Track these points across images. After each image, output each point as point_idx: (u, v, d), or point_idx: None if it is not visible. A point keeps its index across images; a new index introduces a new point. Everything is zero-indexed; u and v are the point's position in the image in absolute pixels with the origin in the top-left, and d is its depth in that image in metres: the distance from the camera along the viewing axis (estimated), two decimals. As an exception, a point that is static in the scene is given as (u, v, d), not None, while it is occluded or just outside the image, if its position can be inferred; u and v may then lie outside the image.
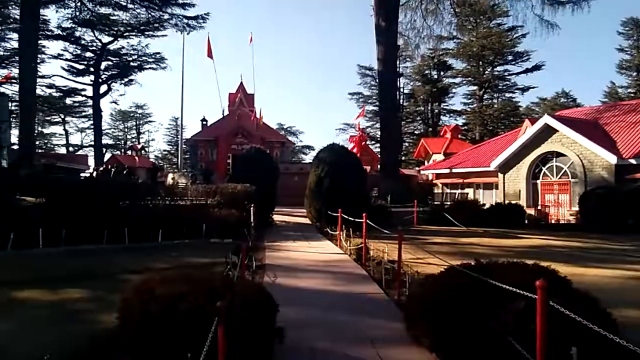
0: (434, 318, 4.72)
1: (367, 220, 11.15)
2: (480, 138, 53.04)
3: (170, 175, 42.66)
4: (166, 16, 33.21)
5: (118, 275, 8.53)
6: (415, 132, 67.21)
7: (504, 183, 27.94)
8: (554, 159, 25.60)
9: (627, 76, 59.62)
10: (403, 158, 57.75)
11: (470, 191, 31.28)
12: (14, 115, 30.06)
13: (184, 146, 54.95)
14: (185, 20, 33.00)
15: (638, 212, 17.21)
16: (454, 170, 32.21)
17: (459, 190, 31.89)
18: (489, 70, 59.08)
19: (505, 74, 59.10)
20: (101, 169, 26.93)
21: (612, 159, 22.44)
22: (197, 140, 44.55)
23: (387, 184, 27.55)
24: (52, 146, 70.95)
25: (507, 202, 23.84)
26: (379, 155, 44.74)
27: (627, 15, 63.33)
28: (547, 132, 25.53)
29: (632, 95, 54.07)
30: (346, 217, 13.41)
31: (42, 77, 51.29)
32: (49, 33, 44.80)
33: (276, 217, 20.43)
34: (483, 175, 30.00)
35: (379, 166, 36.93)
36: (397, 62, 32.08)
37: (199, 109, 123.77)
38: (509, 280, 4.22)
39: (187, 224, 12.98)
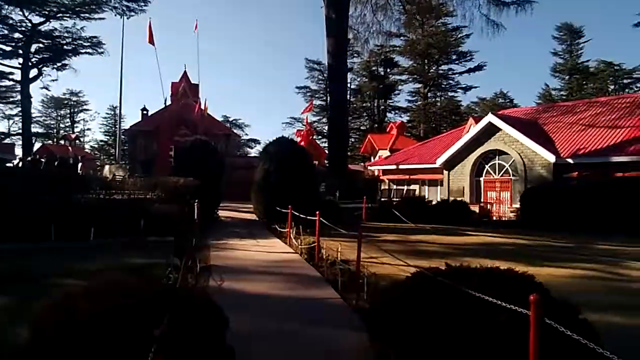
0: (402, 331, 4.25)
1: (319, 215, 10.60)
2: (425, 135, 54.10)
3: (106, 167, 40.41)
4: (103, -3, 31.09)
5: (37, 281, 7.48)
6: (362, 127, 67.67)
7: (448, 180, 28.39)
8: (497, 157, 26.27)
9: (560, 79, 62.84)
10: (349, 153, 57.90)
11: (416, 187, 31.60)
12: None
13: (123, 137, 52.28)
14: (125, 2, 31.03)
15: (575, 210, 17.78)
16: (400, 167, 32.43)
17: (406, 187, 32.16)
18: (434, 68, 60.35)
19: (449, 72, 60.61)
20: (29, 159, 24.73)
21: (551, 158, 23.25)
22: (137, 131, 42.38)
23: (335, 180, 27.22)
24: (-30, 133, 65.45)
25: (451, 198, 24.14)
26: (326, 151, 44.62)
27: (562, 20, 66.75)
28: (490, 130, 26.12)
29: (564, 97, 56.99)
30: (296, 213, 12.82)
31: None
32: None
33: (222, 213, 19.55)
34: (429, 172, 30.36)
35: (325, 161, 36.63)
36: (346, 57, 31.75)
37: (139, 98, 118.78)
38: (489, 290, 3.81)
39: (123, 220, 11.91)
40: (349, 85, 62.81)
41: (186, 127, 34.62)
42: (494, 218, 24.71)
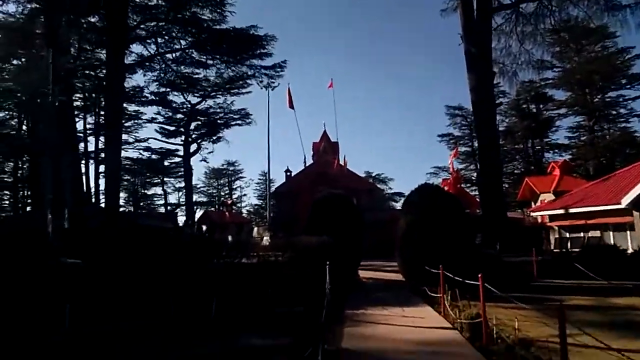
0: None
1: (482, 278, 7.89)
2: (595, 173, 46.43)
3: (255, 229, 41.72)
4: (244, 69, 32.92)
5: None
6: (515, 171, 61.37)
7: (641, 223, 22.74)
8: None
9: None
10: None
11: (597, 234, 26.10)
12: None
13: (272, 200, 54.47)
14: (264, 71, 32.42)
15: None
16: (571, 211, 27.28)
17: (583, 234, 26.78)
18: (598, 97, 52.76)
19: (619, 100, 52.35)
20: (179, 226, 25.87)
21: None
22: (281, 192, 43.38)
23: (492, 230, 23.57)
24: (154, 206, 74.20)
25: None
26: (478, 199, 40.50)
27: None
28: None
29: None
30: (449, 274, 10.19)
31: (139, 140, 54.58)
32: (144, 99, 47.42)
33: (363, 274, 17.50)
34: (611, 215, 24.88)
35: (477, 211, 32.84)
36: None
37: (285, 160, 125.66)
38: None
39: (250, 290, 10.53)
40: (497, 126, 58.05)
41: (326, 185, 34.05)
42: None
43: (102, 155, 40.48)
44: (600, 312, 9.81)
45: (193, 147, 53.42)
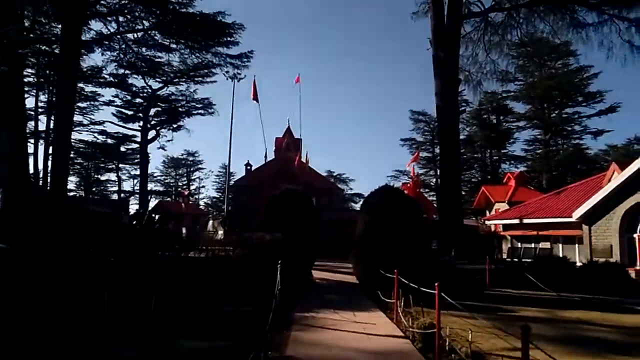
0: None
1: (438, 287, 7.56)
2: (548, 186, 47.91)
3: (210, 222, 40.66)
4: (209, 56, 31.78)
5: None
6: (472, 179, 62.65)
7: (590, 236, 23.38)
8: (655, 208, 21.04)
9: None
10: (460, 207, 53.17)
11: (547, 245, 26.72)
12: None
13: (231, 193, 53.38)
14: (229, 60, 31.39)
15: None
16: (525, 221, 27.84)
17: (534, 244, 27.35)
18: (556, 112, 54.45)
19: (575, 116, 54.21)
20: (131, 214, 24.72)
21: None
22: (241, 186, 42.49)
23: (448, 236, 23.65)
24: (107, 193, 71.41)
25: (595, 259, 19.40)
26: (435, 204, 40.89)
27: None
28: (642, 178, 21.14)
29: None
30: (404, 280, 9.88)
31: (94, 123, 52.13)
32: (102, 80, 45.25)
33: (317, 274, 17.06)
34: (562, 227, 25.53)
35: (434, 216, 33.10)
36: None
37: (246, 154, 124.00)
38: None
39: (195, 286, 9.88)
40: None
41: (287, 181, 33.48)
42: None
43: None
44: (552, 325, 9.74)
45: (151, 133, 51.64)
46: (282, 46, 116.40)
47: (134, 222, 16.61)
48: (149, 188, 62.60)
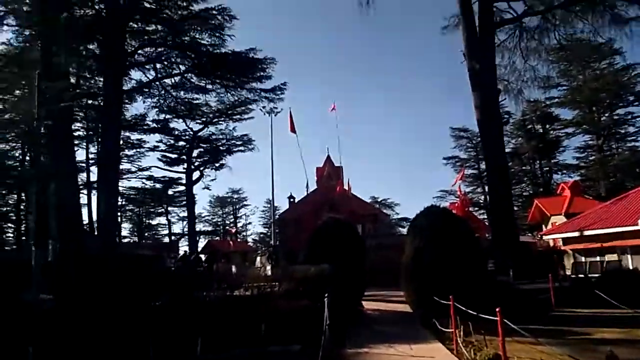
0: None
1: (500, 313, 6.78)
2: (607, 194, 45.17)
3: (257, 259, 40.49)
4: (244, 92, 32.32)
5: None
6: (524, 193, 60.06)
7: (662, 245, 21.57)
8: None
9: None
10: (514, 223, 50.86)
11: (614, 257, 24.81)
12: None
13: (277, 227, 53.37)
14: (264, 94, 31.80)
15: None
16: (586, 233, 26.05)
17: (599, 257, 25.48)
18: (606, 115, 51.89)
19: (628, 117, 51.44)
20: (179, 256, 24.91)
21: None
22: (285, 219, 42.38)
23: (504, 255, 22.38)
24: (158, 237, 73.17)
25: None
26: (487, 222, 39.27)
27: None
28: None
29: None
30: (461, 307, 9.12)
31: (142, 169, 53.99)
32: (146, 127, 46.96)
33: (367, 304, 16.32)
34: (628, 237, 23.68)
35: (487, 235, 31.66)
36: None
37: (289, 186, 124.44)
38: None
39: (241, 325, 9.51)
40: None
41: (329, 211, 33.07)
42: None
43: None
44: (635, 346, 8.68)
45: (196, 174, 52.78)
46: (315, 74, 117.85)
47: (179, 264, 16.58)
48: (197, 228, 63.58)
